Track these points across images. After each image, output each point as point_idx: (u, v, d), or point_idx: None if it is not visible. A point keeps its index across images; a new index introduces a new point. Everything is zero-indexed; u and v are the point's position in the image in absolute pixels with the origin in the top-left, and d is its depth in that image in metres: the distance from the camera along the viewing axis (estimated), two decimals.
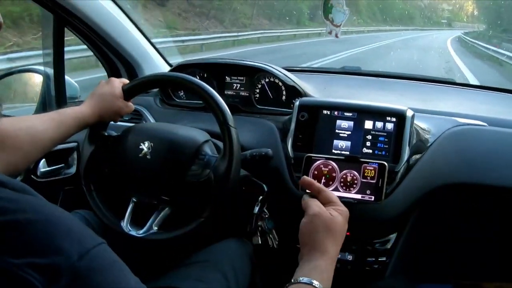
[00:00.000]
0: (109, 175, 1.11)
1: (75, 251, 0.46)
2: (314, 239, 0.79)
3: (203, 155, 1.04)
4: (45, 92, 1.49)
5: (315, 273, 0.74)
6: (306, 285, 0.71)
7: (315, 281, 0.72)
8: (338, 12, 1.55)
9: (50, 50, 1.43)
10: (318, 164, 1.10)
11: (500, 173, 1.14)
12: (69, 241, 0.47)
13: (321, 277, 0.73)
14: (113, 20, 1.47)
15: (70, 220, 0.50)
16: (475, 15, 31.96)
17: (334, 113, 1.18)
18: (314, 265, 0.76)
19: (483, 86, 1.71)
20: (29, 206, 0.48)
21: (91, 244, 0.49)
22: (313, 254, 0.78)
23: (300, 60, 9.22)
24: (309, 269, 0.76)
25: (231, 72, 1.48)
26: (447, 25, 30.90)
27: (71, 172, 1.40)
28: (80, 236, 0.49)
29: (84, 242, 0.48)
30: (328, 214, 0.80)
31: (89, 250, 0.48)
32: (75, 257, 0.46)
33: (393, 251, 1.19)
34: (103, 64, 1.61)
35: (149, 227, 1.04)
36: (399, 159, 1.12)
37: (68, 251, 0.46)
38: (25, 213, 0.46)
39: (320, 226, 0.79)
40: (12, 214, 0.46)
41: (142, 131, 1.08)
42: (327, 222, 0.79)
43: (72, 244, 0.47)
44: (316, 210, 0.80)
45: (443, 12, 30.70)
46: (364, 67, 1.93)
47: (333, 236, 0.79)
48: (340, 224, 0.80)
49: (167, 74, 1.15)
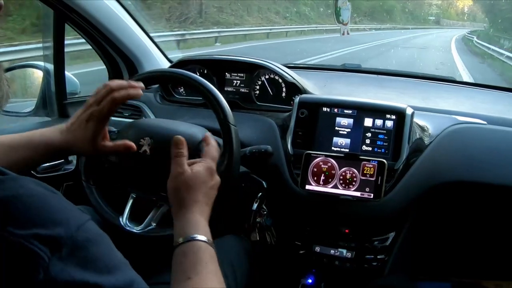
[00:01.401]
0: (108, 171, 1.11)
1: (73, 222, 0.50)
2: (178, 197, 0.82)
3: None
4: (45, 88, 1.49)
5: (189, 228, 0.77)
6: (190, 242, 0.75)
7: (196, 235, 0.75)
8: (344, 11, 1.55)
9: (50, 45, 1.42)
10: (317, 161, 1.10)
11: (500, 172, 1.14)
12: (66, 214, 0.51)
13: (195, 229, 0.77)
14: (113, 15, 1.47)
15: (61, 196, 0.54)
16: (465, 12, 29.91)
17: (334, 110, 1.18)
18: (186, 221, 0.79)
19: (483, 84, 1.71)
20: (27, 182, 0.52)
21: (83, 218, 0.53)
22: (180, 211, 0.81)
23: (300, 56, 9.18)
24: (180, 227, 0.79)
25: (231, 69, 1.48)
26: (435, 22, 27.86)
27: (71, 168, 1.40)
28: (74, 210, 0.53)
29: (79, 216, 0.52)
30: (189, 171, 0.84)
31: (84, 223, 0.52)
32: (74, 228, 0.50)
33: (392, 248, 1.19)
34: (103, 60, 1.61)
35: (147, 223, 1.04)
36: (399, 157, 1.12)
37: (68, 223, 0.50)
38: (24, 188, 0.50)
39: (181, 184, 0.82)
40: (13, 189, 0.49)
41: (142, 127, 1.08)
42: (187, 179, 0.83)
43: (69, 217, 0.51)
44: (177, 171, 0.84)
45: (431, 8, 27.05)
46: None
47: (194, 190, 0.82)
48: (200, 176, 0.84)
49: (169, 70, 1.15)
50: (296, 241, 1.23)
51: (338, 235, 1.19)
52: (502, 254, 1.49)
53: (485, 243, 1.47)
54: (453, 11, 31.33)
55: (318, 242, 1.21)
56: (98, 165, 1.11)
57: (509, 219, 1.33)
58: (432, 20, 27.98)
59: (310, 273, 1.25)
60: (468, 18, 29.64)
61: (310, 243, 1.21)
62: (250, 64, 1.45)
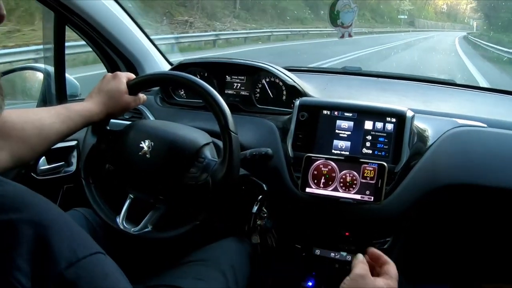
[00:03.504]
0: (108, 170, 1.12)
1: (64, 258, 0.45)
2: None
3: (203, 158, 1.03)
4: (45, 90, 1.50)
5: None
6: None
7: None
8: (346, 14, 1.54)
9: (51, 47, 1.43)
10: (317, 164, 1.10)
11: (500, 175, 1.14)
12: (59, 248, 0.46)
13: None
14: (114, 18, 1.47)
15: (65, 225, 0.49)
16: (444, 11, 25.47)
17: (334, 113, 1.18)
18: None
19: (483, 87, 1.71)
20: (24, 205, 0.47)
21: (84, 253, 0.48)
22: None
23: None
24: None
25: (232, 71, 1.48)
26: (409, 23, 22.45)
27: (71, 170, 1.40)
28: (73, 243, 0.48)
29: (77, 250, 0.47)
30: (372, 279, 0.79)
31: (80, 259, 0.47)
32: (63, 264, 0.45)
33: (392, 251, 1.19)
34: (103, 62, 1.61)
35: (144, 225, 1.04)
36: (399, 160, 1.12)
37: (57, 258, 0.45)
38: (19, 212, 0.46)
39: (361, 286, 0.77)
40: (5, 213, 0.45)
41: (143, 129, 1.08)
42: (369, 285, 0.78)
43: (61, 251, 0.46)
44: (362, 272, 0.79)
45: (402, 4, 22.02)
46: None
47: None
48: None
49: (173, 73, 1.15)
50: (297, 243, 1.23)
51: (338, 238, 1.19)
52: (501, 257, 1.49)
53: (484, 246, 1.47)
54: (431, 9, 26.20)
55: (318, 245, 1.21)
56: (98, 163, 1.11)
57: (508, 221, 1.33)
58: (403, 20, 23.28)
59: (310, 276, 1.25)
60: (449, 18, 25.52)
61: (310, 245, 1.21)
62: (251, 67, 1.45)
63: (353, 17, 1.54)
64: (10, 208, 0.45)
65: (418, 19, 24.30)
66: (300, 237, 1.23)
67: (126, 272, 0.56)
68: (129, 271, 0.58)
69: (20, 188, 0.49)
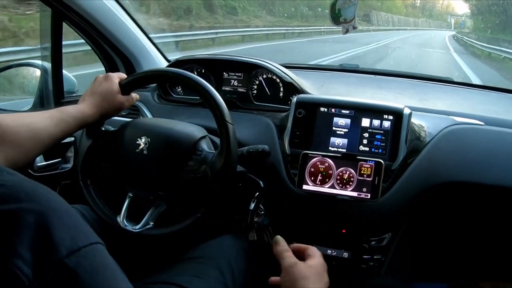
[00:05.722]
0: (106, 170, 1.11)
1: (65, 246, 0.45)
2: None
3: (200, 151, 1.03)
4: (42, 86, 1.49)
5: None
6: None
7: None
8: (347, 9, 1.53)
9: (48, 44, 1.42)
10: (314, 161, 1.10)
11: (496, 172, 1.14)
12: (60, 236, 0.46)
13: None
14: (111, 14, 1.47)
15: (67, 214, 0.49)
16: (417, 6, 20.37)
17: (331, 110, 1.18)
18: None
19: (481, 85, 1.71)
20: (25, 194, 0.47)
21: (85, 242, 0.48)
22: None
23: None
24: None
25: (229, 68, 1.48)
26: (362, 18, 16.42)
27: (68, 167, 1.40)
28: (74, 232, 0.48)
29: (78, 239, 0.48)
30: (302, 263, 0.85)
31: (81, 248, 0.47)
32: (64, 252, 0.45)
33: (389, 249, 1.19)
34: (101, 59, 1.61)
35: (145, 222, 1.04)
36: (396, 157, 1.12)
37: (58, 246, 0.45)
38: (21, 201, 0.46)
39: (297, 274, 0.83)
40: (6, 203, 0.45)
41: (139, 126, 1.08)
42: (304, 269, 0.83)
43: (62, 239, 0.46)
44: (290, 261, 0.86)
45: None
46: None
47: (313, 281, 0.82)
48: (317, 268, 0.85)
49: (164, 69, 1.14)
50: (293, 241, 1.23)
51: (335, 235, 1.19)
52: (499, 255, 1.49)
53: (481, 244, 1.47)
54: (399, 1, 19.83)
55: (315, 242, 1.20)
56: (95, 164, 1.11)
57: (505, 219, 1.34)
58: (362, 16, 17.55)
59: None
60: (423, 14, 20.83)
61: (307, 243, 1.21)
62: (248, 63, 1.45)
63: (355, 9, 1.53)
64: (11, 198, 0.46)
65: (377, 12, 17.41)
66: (297, 234, 1.23)
67: (124, 269, 0.55)
68: (126, 268, 0.58)
69: (20, 178, 0.50)
